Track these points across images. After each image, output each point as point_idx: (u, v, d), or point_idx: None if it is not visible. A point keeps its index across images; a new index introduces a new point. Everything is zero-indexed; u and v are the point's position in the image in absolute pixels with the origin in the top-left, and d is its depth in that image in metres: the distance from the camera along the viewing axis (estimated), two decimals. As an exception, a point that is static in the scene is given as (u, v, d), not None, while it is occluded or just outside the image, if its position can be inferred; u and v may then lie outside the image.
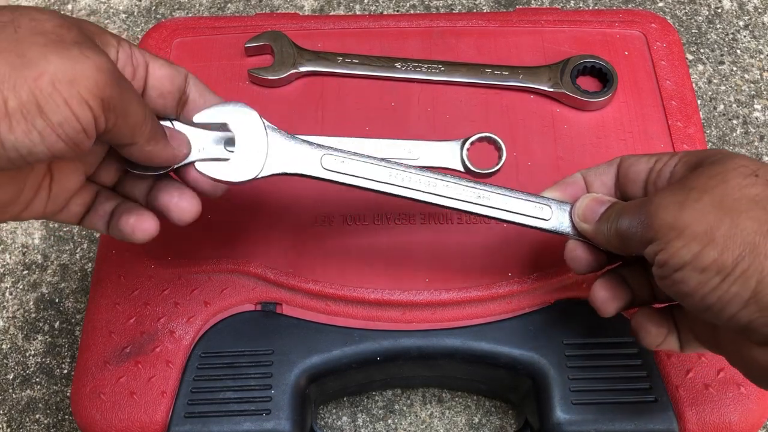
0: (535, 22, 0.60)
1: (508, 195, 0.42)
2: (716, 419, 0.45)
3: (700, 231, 0.33)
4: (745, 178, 0.33)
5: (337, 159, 0.42)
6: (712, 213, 0.33)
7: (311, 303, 0.49)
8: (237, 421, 0.45)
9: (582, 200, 0.42)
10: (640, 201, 0.37)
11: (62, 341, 0.62)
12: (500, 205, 0.42)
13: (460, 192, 0.42)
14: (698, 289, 0.33)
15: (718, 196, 0.33)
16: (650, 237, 0.35)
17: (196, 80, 0.40)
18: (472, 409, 0.57)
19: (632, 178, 0.40)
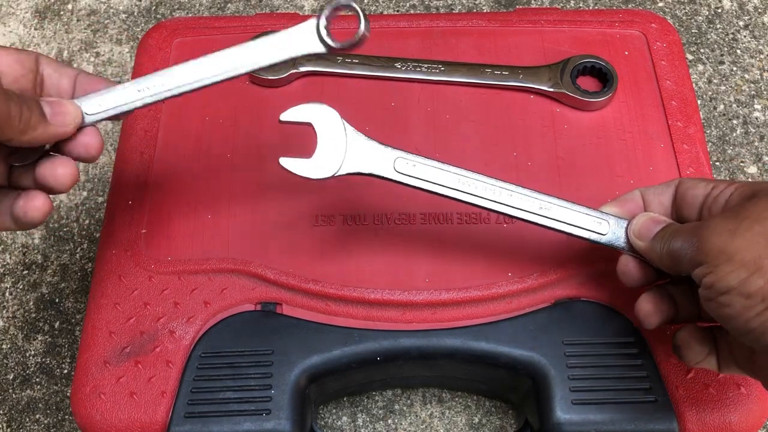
0: (535, 22, 0.60)
1: (569, 208, 0.44)
2: (716, 419, 0.45)
3: (748, 259, 0.34)
4: None
5: (409, 163, 0.44)
6: (762, 243, 0.34)
7: (311, 303, 0.49)
8: (237, 421, 0.45)
9: (639, 218, 0.43)
10: (694, 225, 0.39)
11: (62, 341, 0.62)
12: (561, 217, 0.44)
13: (524, 202, 0.44)
14: (742, 313, 0.34)
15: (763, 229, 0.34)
16: (700, 259, 0.36)
17: (48, 58, 0.41)
18: (472, 409, 0.57)
19: (689, 201, 0.42)
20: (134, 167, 0.54)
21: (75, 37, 0.79)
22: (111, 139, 0.72)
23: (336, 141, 0.43)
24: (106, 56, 0.77)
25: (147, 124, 0.56)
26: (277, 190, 0.53)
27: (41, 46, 0.78)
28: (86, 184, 0.70)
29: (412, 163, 0.44)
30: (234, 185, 0.53)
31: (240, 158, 0.54)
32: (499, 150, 0.54)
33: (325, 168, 0.43)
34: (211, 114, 0.57)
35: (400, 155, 0.44)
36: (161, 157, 0.55)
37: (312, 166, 0.43)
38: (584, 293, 0.49)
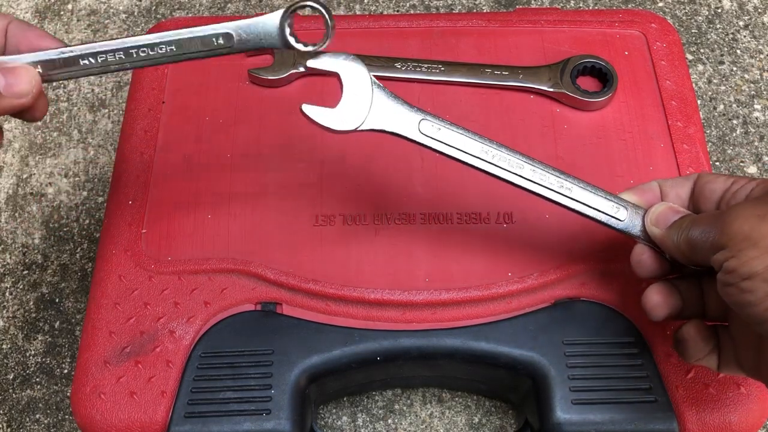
0: (535, 22, 0.60)
1: (590, 191, 0.44)
2: (716, 419, 0.45)
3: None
4: None
5: (434, 126, 0.43)
6: None
7: (311, 303, 0.49)
8: (237, 421, 0.45)
9: (657, 206, 0.43)
10: (715, 212, 0.39)
11: (62, 341, 0.62)
12: (581, 198, 0.44)
13: (545, 178, 0.43)
14: (764, 300, 0.34)
15: None
16: (723, 243, 0.36)
17: (17, 21, 0.41)
18: (472, 409, 0.57)
19: (707, 195, 0.42)
20: (134, 167, 0.54)
21: (75, 37, 0.79)
22: (111, 139, 0.72)
23: (362, 94, 0.42)
24: (106, 56, 0.77)
25: (147, 124, 0.56)
26: (277, 190, 0.53)
27: (41, 46, 0.78)
28: (86, 184, 0.70)
29: (437, 126, 0.43)
30: (234, 185, 0.53)
31: (240, 158, 0.54)
32: (499, 150, 0.54)
33: (349, 120, 0.42)
34: (211, 114, 0.57)
35: (425, 117, 0.43)
36: (161, 157, 0.55)
37: (335, 117, 0.42)
38: (584, 293, 0.49)
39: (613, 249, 0.50)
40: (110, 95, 0.75)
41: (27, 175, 0.71)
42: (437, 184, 0.53)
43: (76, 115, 0.74)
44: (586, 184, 0.44)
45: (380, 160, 0.54)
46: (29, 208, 0.69)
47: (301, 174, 0.53)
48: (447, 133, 0.43)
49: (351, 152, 0.54)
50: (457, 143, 0.43)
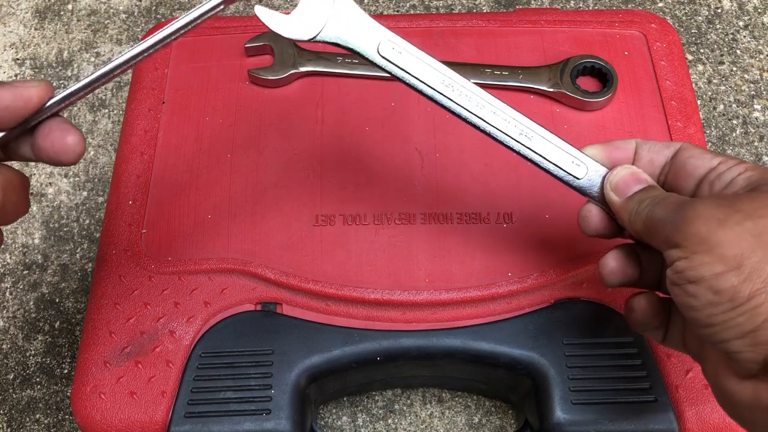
0: (535, 22, 0.60)
1: (551, 142, 0.41)
2: (716, 419, 0.45)
3: (730, 254, 0.32)
4: None
5: (396, 48, 0.40)
6: (748, 241, 0.32)
7: (311, 303, 0.49)
8: (237, 421, 0.45)
9: (620, 170, 0.40)
10: (679, 201, 0.36)
11: (62, 341, 0.62)
12: (539, 149, 0.41)
13: (505, 124, 0.41)
14: (706, 307, 0.33)
15: (760, 227, 0.32)
16: (677, 241, 0.34)
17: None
18: (472, 409, 0.57)
19: (688, 171, 0.39)
20: (134, 167, 0.54)
21: (75, 37, 0.79)
22: (111, 139, 0.72)
23: (321, 2, 0.39)
24: (106, 56, 0.77)
25: (147, 124, 0.56)
26: (277, 190, 0.53)
27: (41, 46, 0.78)
28: (86, 184, 0.70)
29: (399, 50, 0.39)
30: (234, 185, 0.53)
31: (240, 158, 0.54)
32: (499, 150, 0.54)
33: (303, 29, 0.39)
34: (211, 114, 0.57)
35: (389, 37, 0.39)
36: (161, 157, 0.55)
37: (289, 24, 0.39)
38: (584, 293, 0.49)
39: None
40: (110, 95, 0.75)
41: (27, 175, 0.71)
42: (437, 184, 0.53)
43: (76, 115, 0.74)
44: (551, 134, 0.41)
45: (380, 160, 0.54)
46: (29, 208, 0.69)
47: (301, 174, 0.54)
48: (408, 59, 0.40)
49: (351, 152, 0.54)
50: (416, 72, 0.40)
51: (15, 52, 0.78)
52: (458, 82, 0.40)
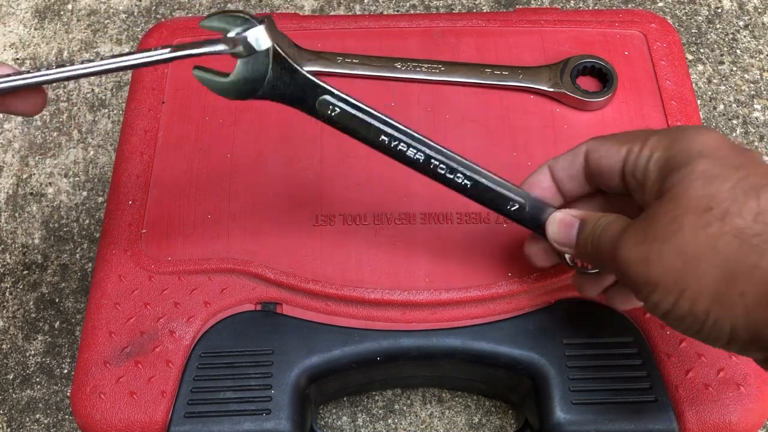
0: (535, 22, 0.60)
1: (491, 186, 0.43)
2: (716, 419, 0.45)
3: (670, 284, 0.33)
4: (700, 217, 0.33)
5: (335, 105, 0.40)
6: (677, 263, 0.33)
7: (311, 303, 0.49)
8: (237, 421, 0.45)
9: (550, 225, 0.42)
10: (610, 245, 0.37)
11: (62, 341, 0.62)
12: (484, 195, 0.43)
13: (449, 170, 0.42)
14: (686, 331, 0.34)
15: (678, 246, 0.33)
16: (631, 288, 0.36)
17: None
18: (472, 409, 0.57)
19: (606, 171, 0.40)
20: (134, 167, 0.54)
21: (75, 37, 0.79)
22: (111, 139, 0.72)
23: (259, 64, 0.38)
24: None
25: (147, 124, 0.56)
26: (277, 190, 0.53)
27: (41, 46, 0.78)
28: (86, 184, 0.70)
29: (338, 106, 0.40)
30: (234, 185, 0.53)
31: (240, 158, 0.54)
32: (498, 150, 0.54)
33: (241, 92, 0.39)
34: (211, 114, 0.57)
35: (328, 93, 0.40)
36: (161, 157, 0.55)
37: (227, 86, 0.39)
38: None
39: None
40: (110, 95, 0.75)
41: (27, 175, 0.71)
42: (437, 184, 0.53)
43: (76, 115, 0.74)
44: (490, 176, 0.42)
45: (380, 160, 0.54)
46: (29, 208, 0.69)
47: (301, 174, 0.54)
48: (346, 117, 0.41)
49: (351, 152, 0.54)
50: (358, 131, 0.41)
51: (15, 52, 0.78)
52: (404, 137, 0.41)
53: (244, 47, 0.37)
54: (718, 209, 0.33)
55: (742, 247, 0.32)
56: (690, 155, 0.35)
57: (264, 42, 0.37)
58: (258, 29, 0.37)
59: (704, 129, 0.37)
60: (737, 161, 0.34)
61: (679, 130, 0.37)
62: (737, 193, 0.32)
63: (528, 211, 0.42)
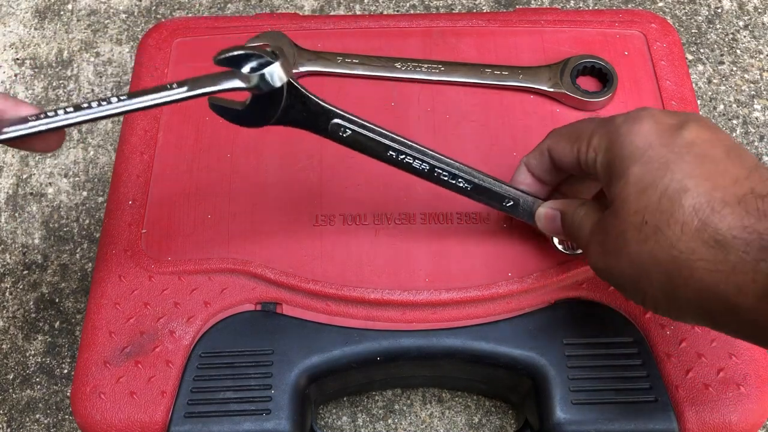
0: (535, 22, 0.60)
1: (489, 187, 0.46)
2: (716, 419, 0.45)
3: (632, 289, 0.38)
4: (639, 231, 0.36)
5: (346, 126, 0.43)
6: (632, 273, 0.37)
7: (311, 303, 0.49)
8: (237, 421, 0.45)
9: (538, 220, 0.46)
10: (583, 245, 0.42)
11: (62, 341, 0.62)
12: (484, 197, 0.47)
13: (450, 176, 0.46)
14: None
15: (628, 259, 0.37)
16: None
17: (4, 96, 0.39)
18: (472, 409, 0.57)
19: (567, 166, 0.43)
20: (134, 167, 0.54)
21: (75, 37, 0.79)
22: (111, 139, 0.72)
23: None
24: (106, 56, 0.77)
25: (147, 124, 0.56)
26: (277, 190, 0.53)
27: (41, 46, 0.78)
28: (86, 184, 0.70)
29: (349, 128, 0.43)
30: (234, 185, 0.53)
31: (240, 158, 0.54)
32: (498, 150, 0.54)
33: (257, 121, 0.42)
34: (211, 114, 0.56)
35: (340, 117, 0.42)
36: (161, 157, 0.55)
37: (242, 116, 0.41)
38: (584, 293, 0.49)
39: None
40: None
41: (27, 175, 0.71)
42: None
43: (76, 115, 0.74)
44: (487, 179, 0.46)
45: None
46: (29, 208, 0.69)
47: (301, 174, 0.54)
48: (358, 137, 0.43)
49: (351, 152, 0.54)
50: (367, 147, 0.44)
51: (15, 52, 0.78)
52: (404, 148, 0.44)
53: (262, 84, 0.38)
54: (651, 222, 0.35)
55: (675, 260, 0.34)
56: (623, 161, 0.37)
57: (280, 78, 0.38)
58: (274, 66, 0.38)
59: (637, 121, 0.38)
60: (665, 157, 0.36)
61: (614, 126, 0.39)
62: (664, 203, 0.35)
63: (521, 205, 0.47)
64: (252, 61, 0.38)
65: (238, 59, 0.38)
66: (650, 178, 0.35)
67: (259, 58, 0.38)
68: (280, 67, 0.38)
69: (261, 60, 0.38)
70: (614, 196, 0.38)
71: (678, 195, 0.34)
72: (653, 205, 0.35)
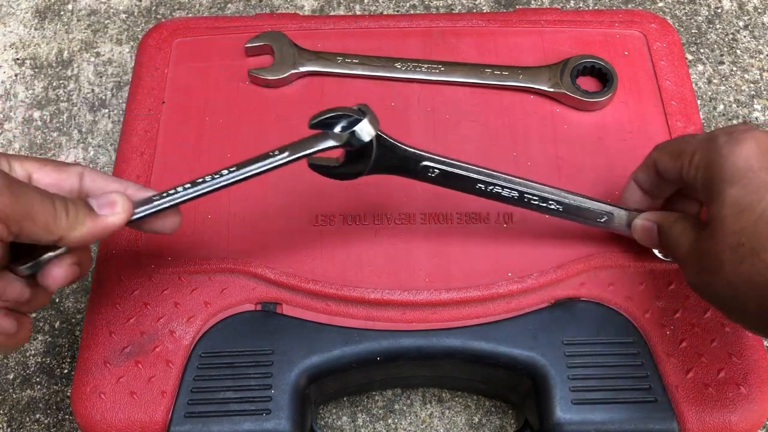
0: (535, 22, 0.60)
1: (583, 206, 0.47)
2: (716, 419, 0.45)
3: (726, 307, 0.39)
4: (735, 253, 0.36)
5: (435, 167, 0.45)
6: (726, 293, 0.37)
7: (311, 303, 0.49)
8: (237, 421, 0.45)
9: (635, 232, 0.47)
10: (681, 261, 0.42)
11: (62, 341, 0.62)
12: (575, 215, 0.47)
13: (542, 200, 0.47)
14: None
15: (723, 280, 0.37)
16: None
17: (91, 171, 0.40)
18: (472, 409, 0.57)
19: (673, 180, 0.44)
20: (134, 167, 0.54)
21: (75, 37, 0.79)
22: (111, 139, 0.72)
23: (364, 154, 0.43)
24: (106, 56, 0.77)
25: (147, 124, 0.56)
26: (277, 190, 0.53)
27: (41, 46, 0.78)
28: (86, 184, 0.70)
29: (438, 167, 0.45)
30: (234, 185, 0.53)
31: (240, 158, 0.54)
32: (498, 150, 0.54)
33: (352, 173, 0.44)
34: (211, 114, 0.57)
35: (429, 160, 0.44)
36: (161, 157, 0.55)
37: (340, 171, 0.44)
38: (584, 293, 0.49)
39: (613, 249, 0.50)
40: (110, 95, 0.75)
41: (27, 175, 0.71)
42: (437, 184, 0.53)
43: (76, 115, 0.74)
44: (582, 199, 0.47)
45: (380, 160, 0.54)
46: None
47: (301, 174, 0.53)
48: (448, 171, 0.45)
49: (351, 152, 0.54)
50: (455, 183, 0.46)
51: (15, 52, 0.78)
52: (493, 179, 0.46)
53: (353, 140, 0.41)
54: (748, 245, 0.35)
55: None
56: (722, 182, 0.38)
57: (369, 133, 0.41)
58: (363, 123, 0.41)
59: (739, 143, 0.38)
60: (764, 181, 0.36)
61: (716, 146, 0.39)
62: (761, 227, 0.35)
63: (616, 219, 0.47)
64: (342, 121, 0.41)
65: (330, 121, 0.41)
66: (748, 201, 0.36)
67: (348, 118, 0.41)
68: (368, 123, 0.41)
69: (350, 119, 0.41)
70: (712, 216, 0.38)
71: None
72: (750, 228, 0.35)
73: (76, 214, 0.37)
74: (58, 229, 0.36)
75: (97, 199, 0.39)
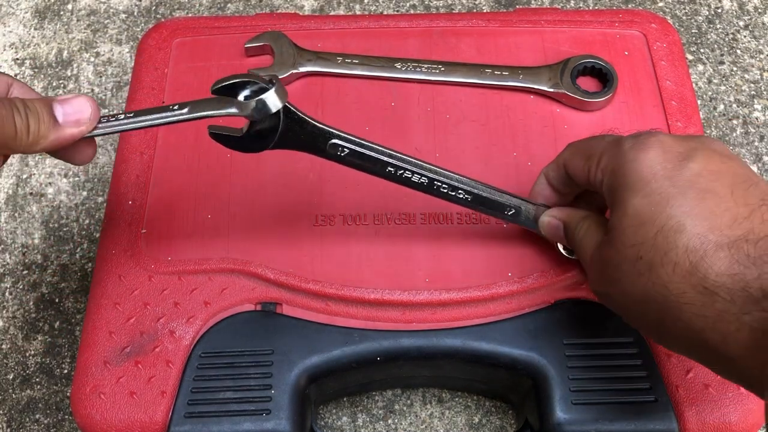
0: (535, 22, 0.60)
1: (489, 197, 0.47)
2: (716, 419, 0.45)
3: (627, 317, 0.39)
4: (633, 266, 0.36)
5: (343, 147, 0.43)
6: (626, 303, 0.38)
7: (311, 303, 0.49)
8: (237, 421, 0.45)
9: (541, 227, 0.47)
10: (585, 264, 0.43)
11: (62, 341, 0.62)
12: (482, 206, 0.47)
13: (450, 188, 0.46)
14: None
15: (622, 291, 0.37)
16: None
17: (21, 86, 0.40)
18: (472, 409, 0.57)
19: (580, 182, 0.43)
20: (134, 167, 0.54)
21: (75, 37, 0.79)
22: (111, 139, 0.72)
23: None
24: (106, 56, 0.77)
25: (147, 124, 0.56)
26: (277, 190, 0.53)
27: (41, 46, 0.78)
28: (86, 184, 0.70)
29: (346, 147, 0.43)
30: (234, 185, 0.53)
31: (240, 158, 0.54)
32: (498, 150, 0.54)
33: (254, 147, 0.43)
34: (211, 114, 0.57)
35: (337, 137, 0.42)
36: (161, 157, 0.55)
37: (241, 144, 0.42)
38: (584, 293, 0.49)
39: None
40: (110, 95, 0.75)
41: (27, 175, 0.71)
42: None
43: (76, 115, 0.74)
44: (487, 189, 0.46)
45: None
46: (29, 208, 0.69)
47: (301, 174, 0.54)
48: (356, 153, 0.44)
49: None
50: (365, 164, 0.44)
51: (15, 52, 0.78)
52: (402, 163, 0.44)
53: (258, 111, 0.39)
54: (646, 258, 0.35)
55: (666, 300, 0.34)
56: (625, 191, 0.37)
57: (276, 104, 0.39)
58: (269, 94, 0.38)
59: (644, 148, 0.37)
60: (666, 192, 0.35)
61: (622, 151, 0.39)
62: (659, 241, 0.34)
63: (524, 213, 0.47)
64: (247, 89, 0.39)
65: (234, 87, 0.39)
66: (649, 213, 0.35)
67: (254, 85, 0.39)
68: (275, 93, 0.39)
69: (256, 87, 0.39)
70: (613, 225, 0.37)
71: (674, 234, 0.34)
72: (649, 242, 0.35)
73: (38, 129, 0.37)
74: (19, 147, 0.37)
75: (63, 106, 0.38)
